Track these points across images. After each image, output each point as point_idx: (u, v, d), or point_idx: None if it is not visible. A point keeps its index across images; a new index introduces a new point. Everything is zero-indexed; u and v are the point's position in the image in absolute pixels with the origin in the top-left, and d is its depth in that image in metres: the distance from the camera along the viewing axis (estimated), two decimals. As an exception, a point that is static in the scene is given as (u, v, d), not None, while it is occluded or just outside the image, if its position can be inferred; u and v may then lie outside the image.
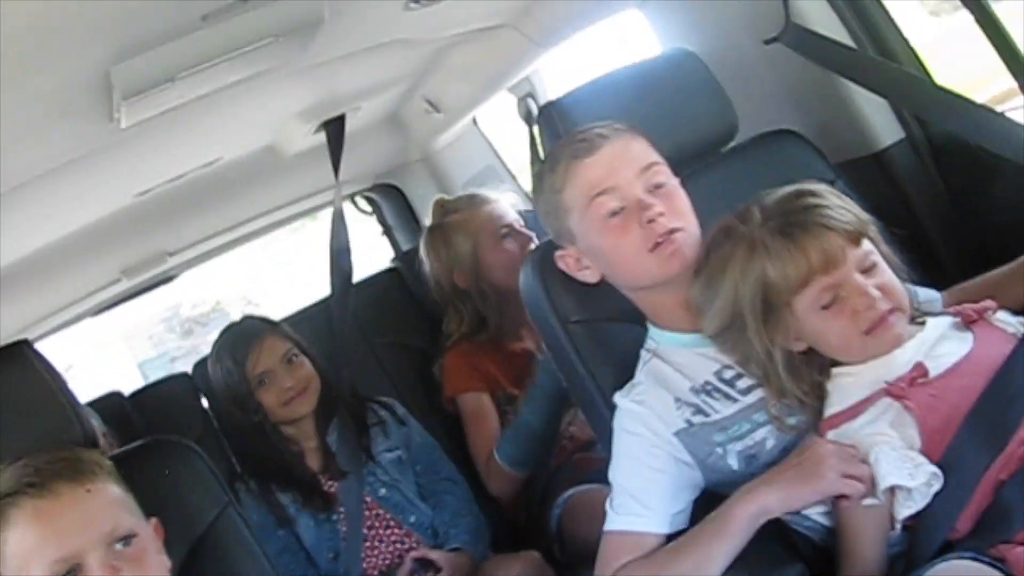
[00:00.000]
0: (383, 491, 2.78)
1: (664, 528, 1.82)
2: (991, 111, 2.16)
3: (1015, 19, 2.21)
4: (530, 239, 2.90)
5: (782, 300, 1.75)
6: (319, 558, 2.70)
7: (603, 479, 2.09)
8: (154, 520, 1.77)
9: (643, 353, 1.94)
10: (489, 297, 2.92)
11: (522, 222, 2.97)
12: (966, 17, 2.16)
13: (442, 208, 3.05)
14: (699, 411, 1.84)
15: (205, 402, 3.12)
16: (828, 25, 2.41)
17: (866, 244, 1.76)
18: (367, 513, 2.73)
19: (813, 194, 1.79)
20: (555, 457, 2.84)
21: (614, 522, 1.85)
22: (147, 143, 2.37)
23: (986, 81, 2.70)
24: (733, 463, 1.84)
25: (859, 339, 1.72)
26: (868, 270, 1.74)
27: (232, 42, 1.88)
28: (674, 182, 1.90)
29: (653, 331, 1.95)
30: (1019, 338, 1.74)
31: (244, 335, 2.85)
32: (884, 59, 2.39)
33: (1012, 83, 2.15)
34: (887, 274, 1.76)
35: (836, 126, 2.48)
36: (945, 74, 2.55)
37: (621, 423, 1.89)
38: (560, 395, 2.65)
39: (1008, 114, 2.15)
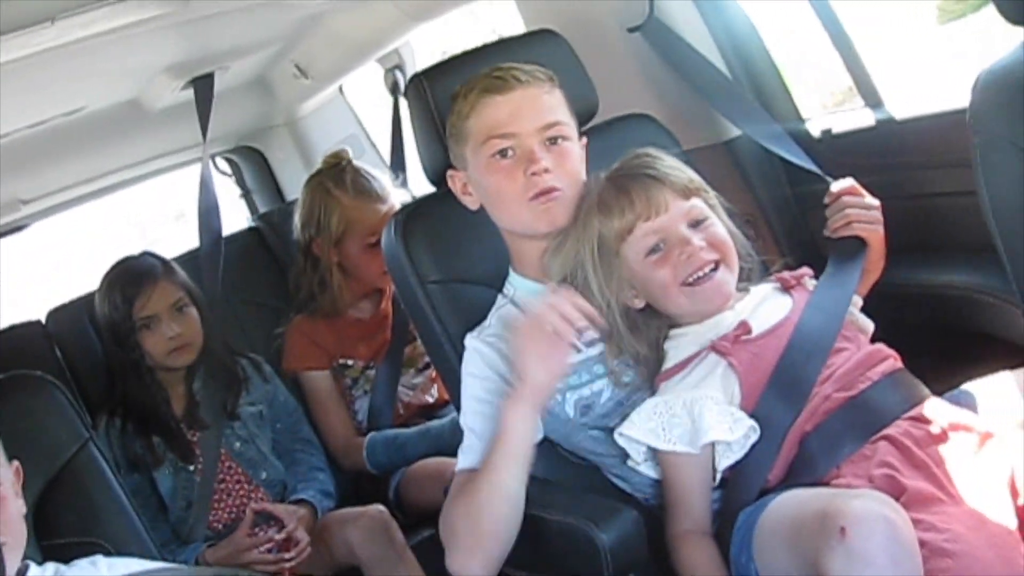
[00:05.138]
0: (238, 445, 2.81)
1: None
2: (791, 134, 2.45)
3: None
4: None
5: (613, 248, 1.87)
6: (173, 506, 2.71)
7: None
8: (15, 464, 1.75)
9: (499, 298, 2.03)
10: (334, 274, 2.98)
11: None
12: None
13: (335, 170, 3.02)
14: None
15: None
16: (692, 24, 2.59)
17: (697, 202, 1.89)
18: (220, 466, 2.74)
19: (649, 155, 1.94)
20: (391, 421, 2.95)
21: (461, 462, 1.92)
22: (11, 86, 2.33)
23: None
24: (570, 411, 1.93)
25: (679, 290, 1.85)
26: (697, 225, 1.87)
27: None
28: (572, 144, 1.97)
29: (513, 277, 2.04)
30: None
31: (138, 273, 2.80)
32: (718, 71, 2.58)
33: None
34: (717, 230, 1.88)
35: (689, 114, 2.63)
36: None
37: (468, 367, 1.96)
38: (446, 449, 2.74)
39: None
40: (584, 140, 2.03)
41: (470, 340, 1.98)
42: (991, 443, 1.68)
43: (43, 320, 3.09)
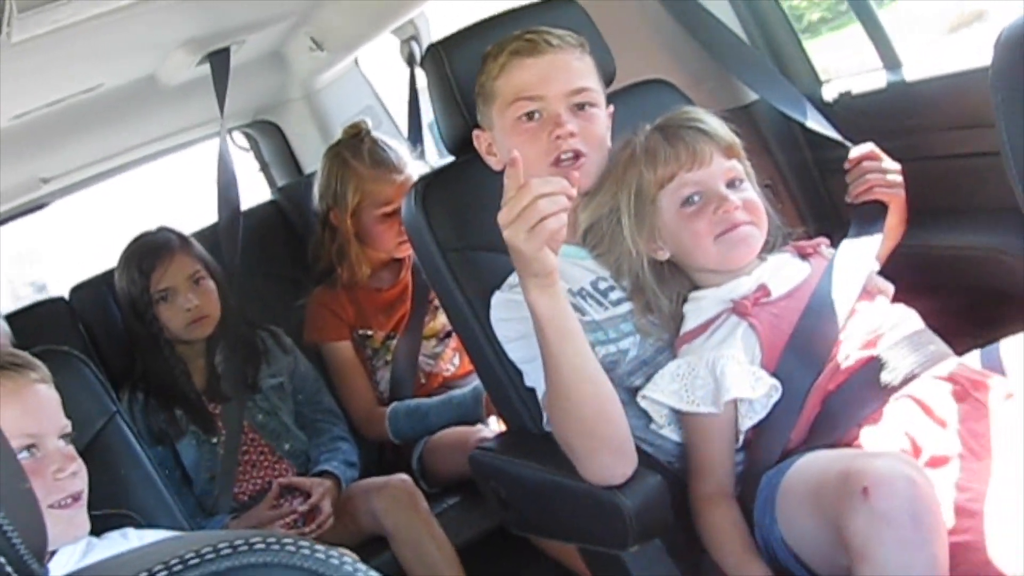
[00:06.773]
0: (261, 417, 2.84)
1: None
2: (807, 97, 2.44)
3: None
4: None
5: (650, 196, 1.88)
6: (197, 478, 2.74)
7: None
8: None
9: None
10: (352, 244, 2.99)
11: None
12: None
13: (353, 141, 3.03)
14: (576, 309, 1.89)
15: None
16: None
17: (736, 164, 1.91)
18: (243, 438, 2.77)
19: (696, 111, 1.97)
20: (413, 391, 2.96)
21: (538, 391, 1.89)
22: (29, 64, 2.35)
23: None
24: None
25: (711, 242, 1.86)
26: (734, 186, 1.89)
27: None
28: (599, 110, 1.98)
29: None
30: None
31: (154, 246, 2.83)
32: (735, 35, 2.57)
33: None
34: (751, 194, 1.90)
35: (706, 79, 2.63)
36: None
37: (498, 314, 1.95)
38: (469, 417, 2.79)
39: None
40: (611, 108, 2.04)
41: (497, 295, 1.98)
42: (1012, 400, 1.69)
43: (66, 296, 3.11)
